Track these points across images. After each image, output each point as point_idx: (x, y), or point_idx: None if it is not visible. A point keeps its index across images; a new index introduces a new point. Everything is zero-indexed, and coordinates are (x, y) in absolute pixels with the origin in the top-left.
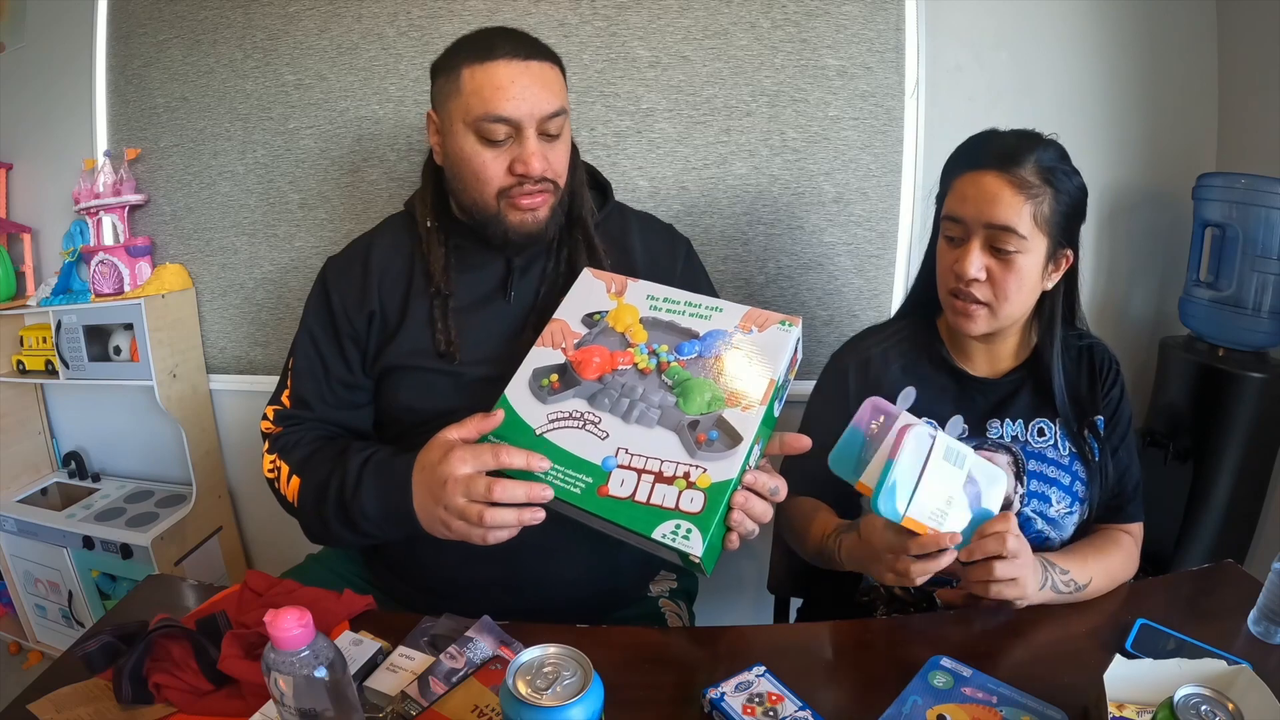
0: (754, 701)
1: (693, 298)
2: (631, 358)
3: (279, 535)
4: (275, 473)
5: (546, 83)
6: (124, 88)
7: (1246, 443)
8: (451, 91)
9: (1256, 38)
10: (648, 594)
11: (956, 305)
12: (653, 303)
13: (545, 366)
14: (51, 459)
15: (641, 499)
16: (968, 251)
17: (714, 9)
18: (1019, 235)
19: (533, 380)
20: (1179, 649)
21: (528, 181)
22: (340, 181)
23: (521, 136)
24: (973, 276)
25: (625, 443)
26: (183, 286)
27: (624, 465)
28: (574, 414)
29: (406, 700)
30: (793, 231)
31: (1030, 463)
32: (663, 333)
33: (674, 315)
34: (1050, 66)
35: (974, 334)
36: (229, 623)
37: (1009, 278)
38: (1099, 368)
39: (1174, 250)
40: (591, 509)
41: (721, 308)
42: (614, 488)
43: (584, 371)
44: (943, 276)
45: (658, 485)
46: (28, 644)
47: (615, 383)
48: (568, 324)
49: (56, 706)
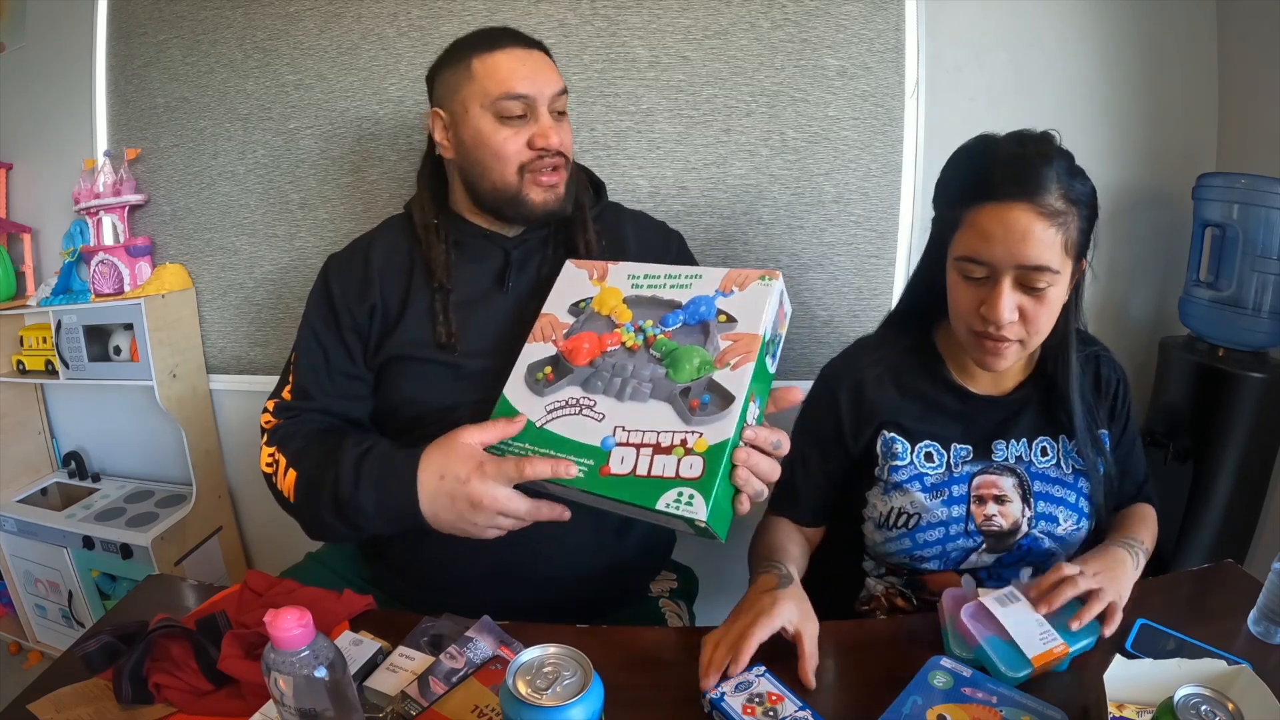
0: (754, 701)
1: (672, 269)
2: (619, 338)
3: (279, 535)
4: (273, 465)
5: (548, 65)
6: (124, 88)
7: (1246, 443)
8: (462, 81)
9: (1256, 38)
10: (648, 594)
11: (985, 345)
12: (634, 281)
13: (539, 361)
14: (51, 459)
15: (642, 473)
16: (998, 295)
17: (714, 9)
18: (1053, 271)
19: (528, 376)
20: (1179, 649)
21: (547, 155)
22: (340, 181)
23: (536, 114)
24: (1009, 319)
25: (622, 421)
26: (183, 286)
27: (622, 443)
28: (570, 401)
29: (406, 700)
30: (793, 231)
31: (1035, 484)
32: (647, 308)
33: (656, 289)
34: (1050, 66)
35: (1001, 369)
36: (229, 623)
37: (1042, 312)
38: (1105, 381)
39: (1174, 250)
40: (596, 490)
41: (700, 274)
42: (615, 466)
43: (575, 359)
44: (964, 318)
45: (656, 457)
46: (28, 644)
47: (606, 364)
48: (556, 317)
49: (56, 706)
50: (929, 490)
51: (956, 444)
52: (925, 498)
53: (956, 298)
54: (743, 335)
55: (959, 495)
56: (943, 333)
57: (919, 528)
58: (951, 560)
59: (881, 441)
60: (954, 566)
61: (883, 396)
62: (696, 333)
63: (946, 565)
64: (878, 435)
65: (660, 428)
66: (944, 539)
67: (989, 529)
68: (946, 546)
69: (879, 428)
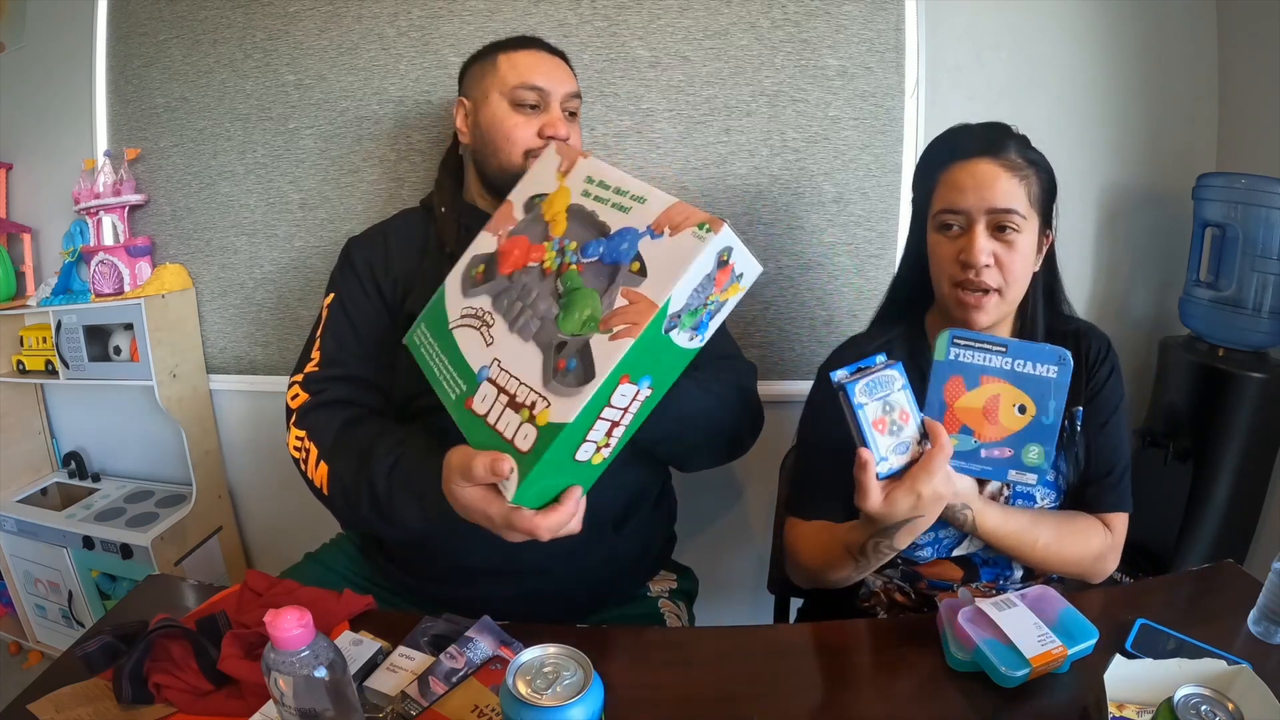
0: (886, 413)
1: (626, 183)
2: (543, 253)
3: (279, 535)
4: (302, 451)
5: (567, 71)
6: (124, 88)
7: (1246, 443)
8: (487, 72)
9: (1256, 38)
10: (648, 594)
11: (965, 299)
12: (587, 186)
13: (481, 255)
14: (51, 459)
15: (491, 421)
16: (973, 239)
17: (714, 9)
18: (1020, 215)
19: (466, 269)
20: (1179, 649)
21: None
22: (340, 182)
23: (549, 106)
24: (984, 263)
25: (501, 354)
26: (183, 286)
27: (491, 379)
28: (479, 312)
29: (406, 700)
30: (793, 231)
31: None
32: (580, 225)
33: (598, 205)
34: (1050, 66)
35: (983, 325)
36: (229, 623)
37: (1014, 258)
38: (1086, 354)
39: (1174, 250)
40: (456, 419)
41: (646, 198)
42: (477, 403)
43: (503, 264)
44: (945, 270)
45: (507, 411)
46: (28, 644)
47: (519, 283)
48: (514, 205)
49: (56, 706)
50: None
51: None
52: None
53: (937, 254)
54: (641, 299)
55: None
56: (931, 320)
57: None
58: (944, 546)
59: None
60: (947, 553)
61: None
62: (605, 275)
63: (940, 552)
64: None
65: (524, 378)
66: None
67: None
68: (939, 532)
69: None
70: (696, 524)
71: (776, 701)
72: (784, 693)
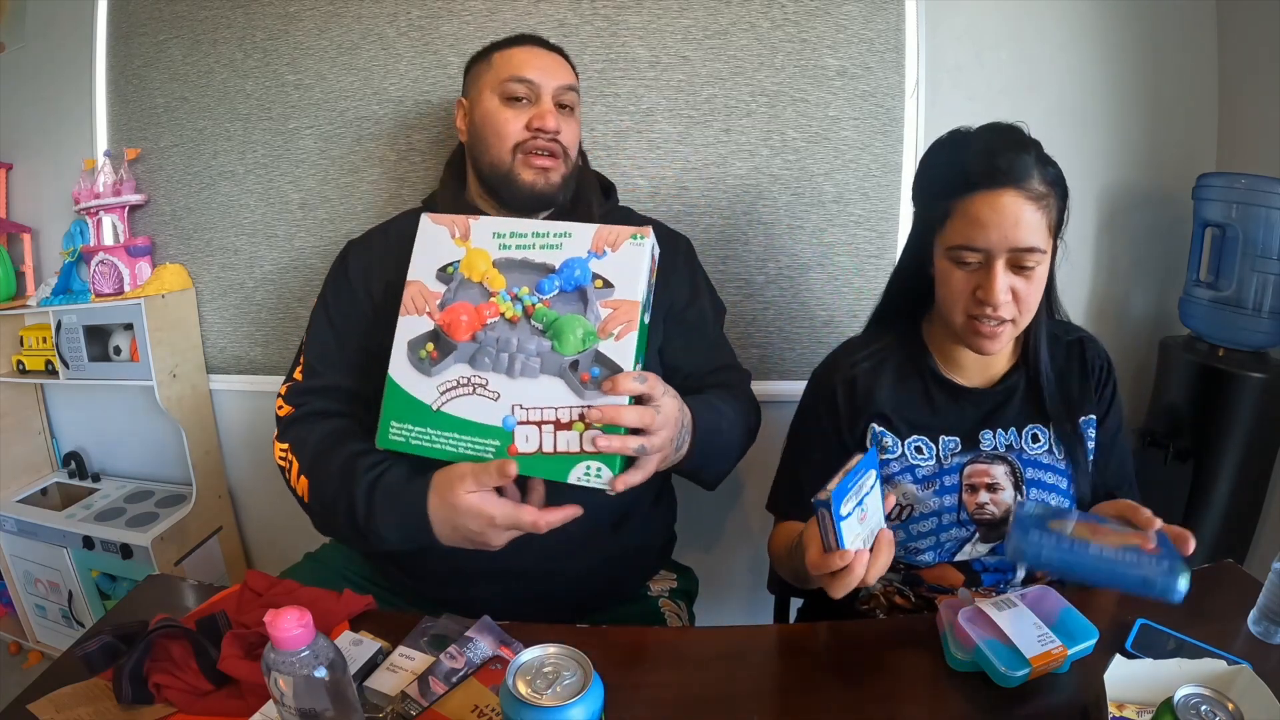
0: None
1: (540, 226)
2: (496, 308)
3: (279, 535)
4: (286, 462)
5: (562, 65)
6: (124, 88)
7: (1246, 443)
8: (483, 70)
9: (1256, 38)
10: (648, 593)
11: (980, 329)
12: (501, 240)
13: (418, 337)
14: (51, 459)
15: (549, 450)
16: (992, 278)
17: (714, 9)
18: (1041, 251)
19: (411, 355)
20: (1179, 649)
21: (541, 136)
22: (340, 182)
23: (539, 99)
24: (1004, 300)
25: (517, 398)
26: (183, 286)
27: (523, 421)
28: (462, 381)
29: (406, 700)
30: (793, 231)
31: (1028, 471)
32: (519, 273)
33: (525, 251)
34: (1050, 66)
35: (994, 352)
36: (229, 623)
37: (1032, 290)
38: (1091, 365)
39: (1174, 250)
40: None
41: (570, 231)
42: (521, 445)
43: (455, 334)
44: (959, 303)
45: (559, 433)
46: (28, 644)
47: (490, 339)
48: (424, 284)
49: (56, 706)
50: (920, 482)
51: (944, 436)
52: (917, 489)
53: (950, 286)
54: (622, 303)
55: (950, 485)
56: (929, 327)
57: (912, 519)
58: (946, 551)
59: (871, 435)
60: (949, 558)
61: (874, 390)
62: (574, 300)
63: (941, 556)
64: (868, 428)
65: (557, 403)
66: (937, 529)
67: (981, 517)
68: (940, 537)
69: (869, 421)
70: (696, 524)
71: (776, 701)
72: (784, 693)
